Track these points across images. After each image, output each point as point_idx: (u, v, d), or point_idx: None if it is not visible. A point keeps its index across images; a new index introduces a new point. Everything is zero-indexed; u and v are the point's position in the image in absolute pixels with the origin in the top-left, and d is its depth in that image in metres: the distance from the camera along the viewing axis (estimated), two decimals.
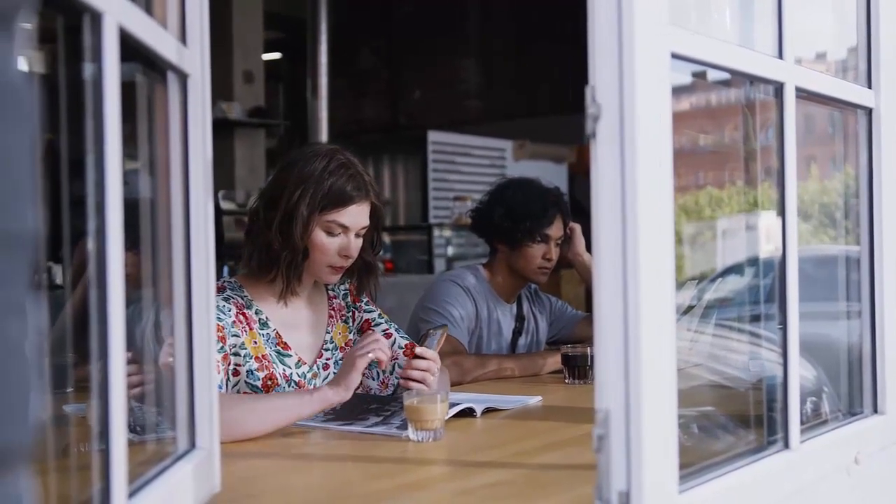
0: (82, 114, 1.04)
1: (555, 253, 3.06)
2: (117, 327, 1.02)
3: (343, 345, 2.40)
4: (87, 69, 1.02)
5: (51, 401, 1.08)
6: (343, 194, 2.21)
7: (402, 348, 2.39)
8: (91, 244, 1.03)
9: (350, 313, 2.45)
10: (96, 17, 1.00)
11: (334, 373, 2.32)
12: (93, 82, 1.02)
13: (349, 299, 2.46)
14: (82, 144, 1.04)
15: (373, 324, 2.45)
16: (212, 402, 1.42)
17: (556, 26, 8.82)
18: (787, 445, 1.52)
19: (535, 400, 2.39)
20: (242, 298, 2.24)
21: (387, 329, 2.44)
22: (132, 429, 1.26)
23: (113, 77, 1.02)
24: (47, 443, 1.15)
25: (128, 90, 1.09)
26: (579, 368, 2.69)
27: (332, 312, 2.41)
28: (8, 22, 0.59)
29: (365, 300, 2.48)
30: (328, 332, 2.38)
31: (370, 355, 2.02)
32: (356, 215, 2.25)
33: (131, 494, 1.10)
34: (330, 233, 2.22)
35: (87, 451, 1.40)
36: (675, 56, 1.26)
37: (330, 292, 2.44)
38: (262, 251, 2.23)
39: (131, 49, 1.12)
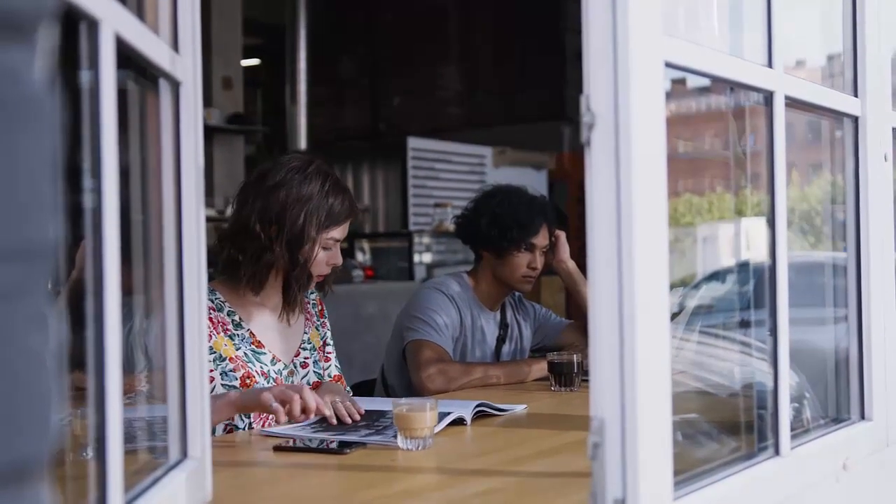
0: (77, 120, 1.03)
1: (540, 262, 3.06)
2: (113, 337, 1.02)
3: (318, 347, 2.49)
4: (83, 76, 1.02)
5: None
6: (343, 213, 2.34)
7: (331, 377, 2.47)
8: (82, 251, 1.03)
9: (321, 322, 2.54)
10: (93, 25, 0.99)
11: (314, 371, 2.44)
12: (89, 89, 1.01)
13: (317, 309, 2.55)
14: (75, 151, 1.03)
15: (326, 343, 2.55)
16: (204, 412, 1.41)
17: (536, 33, 8.86)
18: (777, 452, 1.53)
19: (521, 408, 2.39)
20: (213, 301, 2.27)
21: (331, 353, 2.54)
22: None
23: (110, 84, 1.02)
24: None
25: (119, 97, 1.09)
26: (565, 376, 2.69)
27: (308, 315, 2.50)
28: (29, 33, 0.58)
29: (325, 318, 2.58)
30: (306, 333, 2.46)
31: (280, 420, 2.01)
32: (346, 228, 2.38)
33: None
34: (325, 248, 2.33)
35: (77, 461, 1.39)
36: (668, 65, 1.26)
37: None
38: (264, 269, 2.29)
39: (125, 56, 1.11)
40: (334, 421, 2.09)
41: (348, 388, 2.56)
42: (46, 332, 0.60)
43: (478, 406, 2.22)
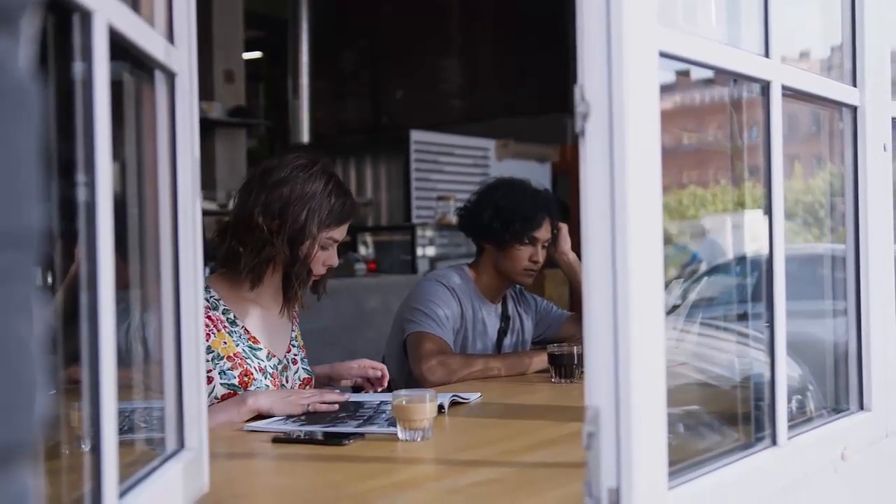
0: (70, 112, 1.03)
1: (541, 255, 3.06)
2: (107, 329, 1.02)
3: (301, 346, 2.53)
4: (77, 68, 1.02)
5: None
6: (344, 214, 2.36)
7: (300, 380, 2.47)
8: (80, 245, 1.03)
9: (297, 322, 2.57)
10: (86, 16, 1.00)
11: (303, 368, 2.48)
12: (82, 81, 1.01)
13: (297, 309, 2.57)
14: (69, 144, 1.04)
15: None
16: (200, 402, 1.41)
17: (538, 26, 8.85)
18: (774, 442, 1.53)
19: (475, 396, 2.40)
20: (208, 300, 2.27)
21: (302, 355, 2.55)
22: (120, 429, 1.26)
23: (103, 76, 1.02)
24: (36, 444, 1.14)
25: (114, 89, 1.09)
26: (565, 367, 2.69)
27: (295, 314, 2.53)
28: (13, 22, 0.59)
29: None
30: (293, 331, 2.50)
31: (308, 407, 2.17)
32: (345, 230, 2.40)
33: (122, 494, 1.09)
34: (323, 247, 2.35)
35: (73, 453, 1.39)
36: (663, 55, 1.26)
37: None
38: (263, 263, 2.30)
39: (119, 48, 1.11)
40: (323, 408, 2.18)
41: None
42: (31, 318, 0.60)
43: (452, 400, 2.26)
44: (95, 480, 1.02)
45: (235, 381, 2.25)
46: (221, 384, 2.24)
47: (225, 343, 2.28)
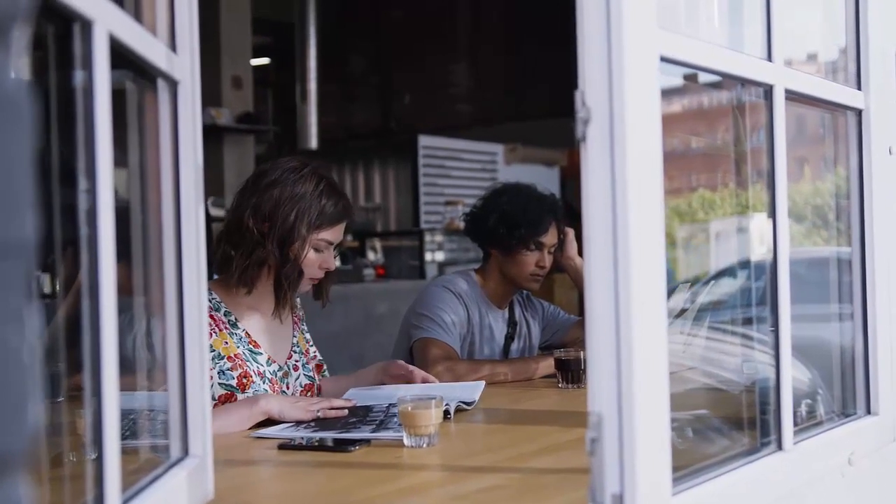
0: (72, 121, 1.04)
1: (548, 260, 3.05)
2: (110, 336, 1.02)
3: (304, 351, 2.52)
4: (77, 76, 1.02)
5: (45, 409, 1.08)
6: (335, 215, 2.35)
7: (302, 387, 2.48)
8: (82, 253, 1.03)
9: (304, 326, 2.58)
10: (87, 25, 1.00)
11: (304, 374, 2.48)
12: (83, 90, 1.02)
13: (301, 313, 2.58)
14: (71, 152, 1.04)
15: (309, 344, 2.59)
16: (204, 409, 1.41)
17: (546, 29, 8.84)
18: (780, 447, 1.52)
19: (479, 388, 2.41)
20: (210, 302, 2.28)
21: (315, 353, 2.57)
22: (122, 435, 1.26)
23: (104, 84, 1.02)
24: (40, 451, 1.14)
25: (117, 97, 1.09)
26: (572, 372, 2.68)
27: (296, 320, 2.53)
28: (4, 31, 0.59)
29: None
30: (294, 337, 2.50)
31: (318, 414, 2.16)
32: (341, 232, 2.40)
33: (125, 502, 1.09)
34: (317, 249, 2.35)
35: (79, 460, 1.40)
36: (664, 59, 1.26)
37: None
38: (254, 265, 2.31)
39: (121, 56, 1.12)
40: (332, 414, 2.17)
41: (325, 373, 2.61)
42: (23, 328, 0.60)
43: (457, 405, 2.25)
44: (98, 488, 1.02)
45: (234, 383, 2.26)
46: (220, 384, 2.24)
47: (226, 343, 2.29)
